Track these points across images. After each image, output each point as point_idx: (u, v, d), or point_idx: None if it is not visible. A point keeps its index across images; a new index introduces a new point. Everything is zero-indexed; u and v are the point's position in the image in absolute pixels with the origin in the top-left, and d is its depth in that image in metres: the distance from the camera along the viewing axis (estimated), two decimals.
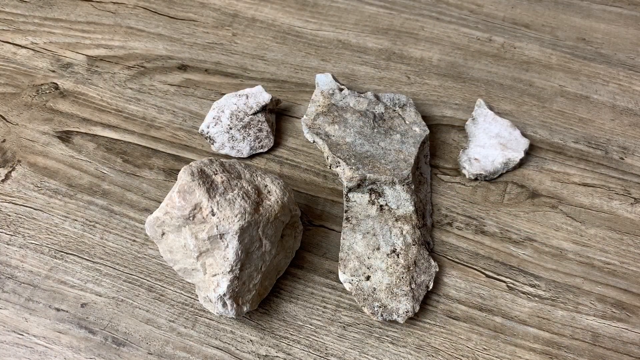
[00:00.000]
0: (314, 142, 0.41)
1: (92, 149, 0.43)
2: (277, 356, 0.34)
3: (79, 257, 0.38)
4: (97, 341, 0.35)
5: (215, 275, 0.31)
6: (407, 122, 0.41)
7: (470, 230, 0.39)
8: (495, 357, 0.34)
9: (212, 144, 0.42)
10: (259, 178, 0.33)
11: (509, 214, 0.40)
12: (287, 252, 0.36)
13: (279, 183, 0.34)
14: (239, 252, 0.31)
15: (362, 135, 0.40)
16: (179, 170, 0.41)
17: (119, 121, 0.45)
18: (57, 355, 0.34)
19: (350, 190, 0.38)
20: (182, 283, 0.37)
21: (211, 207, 0.30)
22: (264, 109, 0.43)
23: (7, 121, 0.45)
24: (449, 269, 0.37)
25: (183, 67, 0.48)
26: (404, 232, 0.37)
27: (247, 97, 0.43)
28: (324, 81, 0.43)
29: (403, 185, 0.38)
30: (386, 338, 0.35)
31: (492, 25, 0.51)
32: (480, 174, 0.40)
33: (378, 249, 0.36)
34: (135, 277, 0.37)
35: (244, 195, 0.31)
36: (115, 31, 0.50)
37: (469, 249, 0.38)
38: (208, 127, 0.42)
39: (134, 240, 0.39)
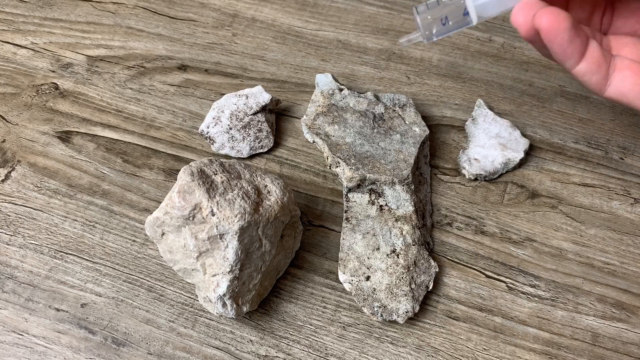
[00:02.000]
0: (313, 142, 0.41)
1: (92, 149, 0.43)
2: (277, 356, 0.34)
3: (79, 257, 0.38)
4: (97, 341, 0.35)
5: (215, 275, 0.31)
6: (407, 122, 0.41)
7: (470, 230, 0.39)
8: (495, 357, 0.34)
9: (212, 144, 0.42)
10: (258, 178, 0.33)
11: (509, 214, 0.40)
12: (287, 252, 0.36)
13: (279, 183, 0.34)
14: (239, 252, 0.31)
15: (362, 136, 0.40)
16: (179, 170, 0.41)
17: (119, 121, 0.45)
18: (57, 355, 0.34)
19: (350, 190, 0.38)
20: (182, 283, 0.37)
21: (211, 207, 0.30)
22: (264, 109, 0.43)
23: (7, 121, 0.45)
24: (449, 269, 0.37)
25: (183, 67, 0.48)
26: (404, 233, 0.37)
27: (247, 97, 0.43)
28: (324, 81, 0.43)
29: (403, 186, 0.38)
30: (386, 338, 0.35)
31: (492, 25, 0.51)
32: (480, 174, 0.40)
33: (378, 249, 0.36)
34: (135, 277, 0.37)
35: (244, 195, 0.31)
36: (115, 31, 0.50)
37: (469, 249, 0.38)
38: (208, 127, 0.42)
39: (134, 241, 0.39)
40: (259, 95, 0.43)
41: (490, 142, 0.42)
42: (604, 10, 0.27)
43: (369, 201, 0.38)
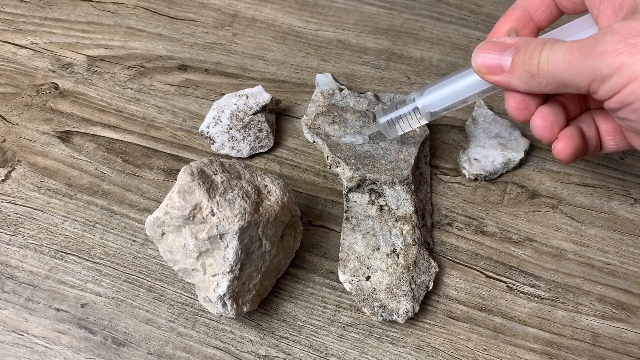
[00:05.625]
0: (314, 142, 0.41)
1: (92, 149, 0.43)
2: (277, 356, 0.34)
3: (79, 257, 0.38)
4: (97, 341, 0.35)
5: (215, 275, 0.31)
6: None
7: (470, 230, 0.39)
8: (495, 357, 0.34)
9: (212, 144, 0.42)
10: (259, 178, 0.33)
11: (509, 214, 0.40)
12: (287, 252, 0.36)
13: (279, 183, 0.34)
14: (239, 252, 0.31)
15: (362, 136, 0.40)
16: (179, 170, 0.41)
17: (119, 121, 0.45)
18: (57, 355, 0.34)
19: (350, 190, 0.38)
20: (182, 283, 0.37)
21: (211, 207, 0.30)
22: (264, 109, 0.43)
23: (7, 121, 0.45)
24: (449, 269, 0.37)
25: (183, 67, 0.48)
26: (404, 233, 0.37)
27: (247, 97, 0.43)
28: (324, 81, 0.43)
29: (403, 186, 0.38)
30: (386, 338, 0.35)
31: (492, 25, 0.50)
32: (480, 174, 0.40)
33: (378, 249, 0.36)
34: (135, 277, 0.37)
35: (244, 195, 0.31)
36: (115, 31, 0.50)
37: (469, 249, 0.38)
38: (208, 127, 0.42)
39: (134, 240, 0.39)
40: (259, 95, 0.43)
41: (490, 142, 0.42)
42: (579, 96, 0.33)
43: (369, 201, 0.38)
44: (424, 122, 0.35)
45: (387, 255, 0.36)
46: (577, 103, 0.32)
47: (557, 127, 0.30)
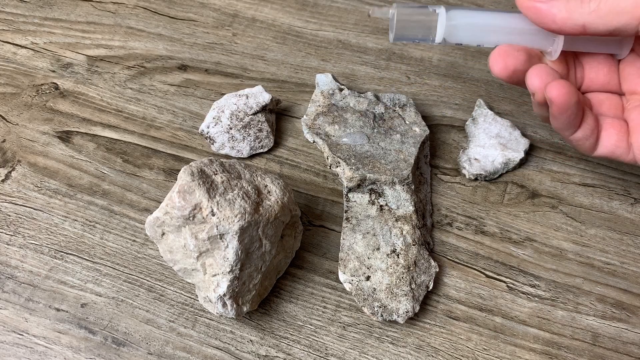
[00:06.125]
0: (314, 142, 0.41)
1: (92, 149, 0.43)
2: (277, 356, 0.34)
3: (79, 257, 0.38)
4: (97, 341, 0.35)
5: (215, 275, 0.31)
6: (407, 122, 0.41)
7: (470, 230, 0.39)
8: (495, 357, 0.34)
9: (212, 144, 0.42)
10: (259, 178, 0.33)
11: (509, 214, 0.40)
12: (287, 252, 0.36)
13: (279, 183, 0.34)
14: (239, 252, 0.31)
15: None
16: (179, 170, 0.41)
17: (119, 121, 0.45)
18: (57, 355, 0.34)
19: (350, 190, 0.38)
20: (182, 283, 0.37)
21: (211, 207, 0.30)
22: (264, 109, 0.43)
23: (7, 121, 0.45)
24: (449, 269, 0.37)
25: (183, 67, 0.48)
26: (404, 232, 0.37)
27: (247, 97, 0.43)
28: (324, 81, 0.43)
29: (403, 186, 0.38)
30: (386, 338, 0.35)
31: None
32: (480, 174, 0.40)
33: (378, 249, 0.36)
34: (135, 277, 0.37)
35: (244, 195, 0.31)
36: (115, 31, 0.50)
37: (469, 249, 0.38)
38: (208, 127, 0.42)
39: (134, 240, 0.39)
40: (259, 95, 0.43)
41: (490, 142, 0.42)
42: (575, 66, 0.30)
43: (369, 201, 0.38)
44: (435, 42, 0.31)
45: (387, 255, 0.36)
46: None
47: (553, 79, 0.28)
